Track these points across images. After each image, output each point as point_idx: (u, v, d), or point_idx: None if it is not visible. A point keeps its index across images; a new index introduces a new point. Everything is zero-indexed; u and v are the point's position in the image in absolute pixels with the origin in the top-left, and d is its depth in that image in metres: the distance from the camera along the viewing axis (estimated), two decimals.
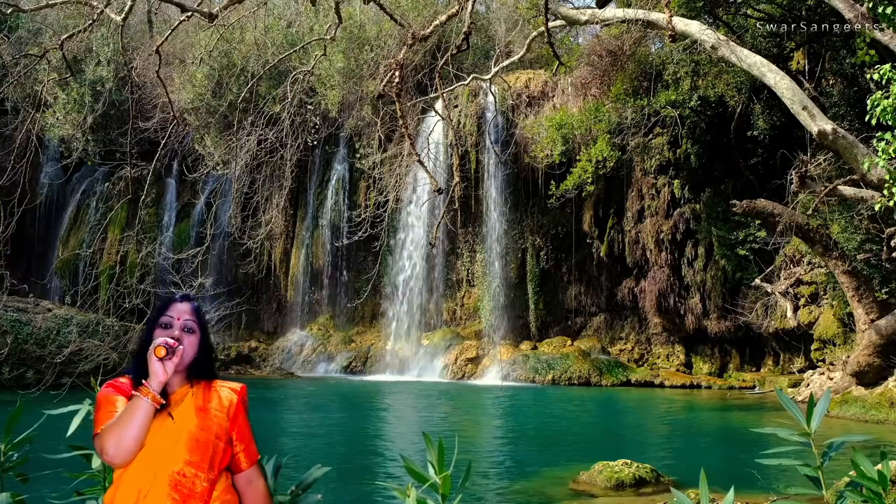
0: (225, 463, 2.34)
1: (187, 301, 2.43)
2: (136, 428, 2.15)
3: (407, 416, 14.98)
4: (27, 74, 17.67)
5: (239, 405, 2.41)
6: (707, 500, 2.28)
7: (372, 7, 18.66)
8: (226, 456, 2.34)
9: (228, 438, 2.35)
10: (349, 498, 7.59)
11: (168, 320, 2.36)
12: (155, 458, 2.20)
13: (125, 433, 2.13)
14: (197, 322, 2.40)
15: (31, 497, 2.86)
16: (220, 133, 24.11)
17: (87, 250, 24.34)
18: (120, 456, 2.14)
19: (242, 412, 2.42)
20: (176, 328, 2.35)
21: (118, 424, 2.15)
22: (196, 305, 2.43)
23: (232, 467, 2.38)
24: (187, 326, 2.37)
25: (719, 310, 20.68)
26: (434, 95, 13.79)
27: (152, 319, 2.39)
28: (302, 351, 23.88)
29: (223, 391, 2.41)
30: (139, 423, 2.15)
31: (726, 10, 19.47)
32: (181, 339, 2.32)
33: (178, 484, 2.20)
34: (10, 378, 15.66)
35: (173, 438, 2.24)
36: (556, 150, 21.03)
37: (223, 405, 2.37)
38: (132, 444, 2.14)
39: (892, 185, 9.22)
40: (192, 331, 2.38)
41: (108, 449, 2.14)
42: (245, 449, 2.39)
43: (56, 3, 9.26)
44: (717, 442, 12.08)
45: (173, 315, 2.37)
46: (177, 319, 2.36)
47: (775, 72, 12.35)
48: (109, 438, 2.14)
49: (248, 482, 2.38)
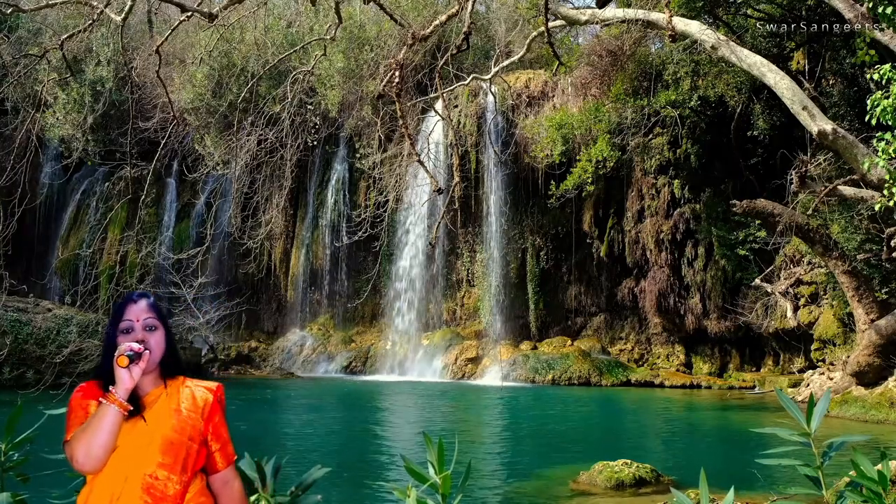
0: (199, 465, 2.30)
1: (143, 299, 2.35)
2: (104, 436, 2.11)
3: (407, 416, 14.98)
4: (27, 74, 17.67)
5: (214, 405, 2.37)
6: (707, 500, 2.28)
7: (372, 7, 18.65)
8: (200, 457, 2.30)
9: (203, 439, 2.31)
10: (349, 498, 7.60)
11: (128, 324, 2.29)
12: (127, 461, 2.17)
13: (93, 441, 2.10)
14: (158, 318, 2.33)
15: (32, 497, 2.86)
16: (220, 133, 24.11)
17: (87, 250, 24.33)
18: (90, 464, 2.12)
19: (219, 412, 2.38)
20: (138, 330, 2.29)
21: (86, 432, 2.12)
22: (152, 301, 2.36)
23: (207, 468, 2.34)
24: (149, 325, 2.30)
25: (719, 310, 20.68)
26: (434, 95, 13.80)
27: (111, 324, 2.33)
28: (302, 351, 23.88)
29: (198, 391, 2.36)
30: (107, 430, 2.11)
31: (726, 10, 19.47)
32: (146, 340, 2.27)
33: (150, 487, 2.17)
34: (10, 378, 15.66)
35: (146, 441, 2.21)
36: (556, 150, 21.02)
37: (197, 405, 2.33)
38: (101, 452, 2.12)
39: (892, 185, 9.22)
40: (155, 328, 2.31)
41: (77, 457, 2.11)
42: (221, 449, 2.35)
43: (56, 3, 9.26)
44: (717, 442, 12.08)
45: (132, 318, 2.30)
46: (136, 321, 2.30)
47: (775, 72, 12.35)
48: (78, 446, 2.11)
49: (223, 483, 2.35)
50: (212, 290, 20.29)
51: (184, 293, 13.40)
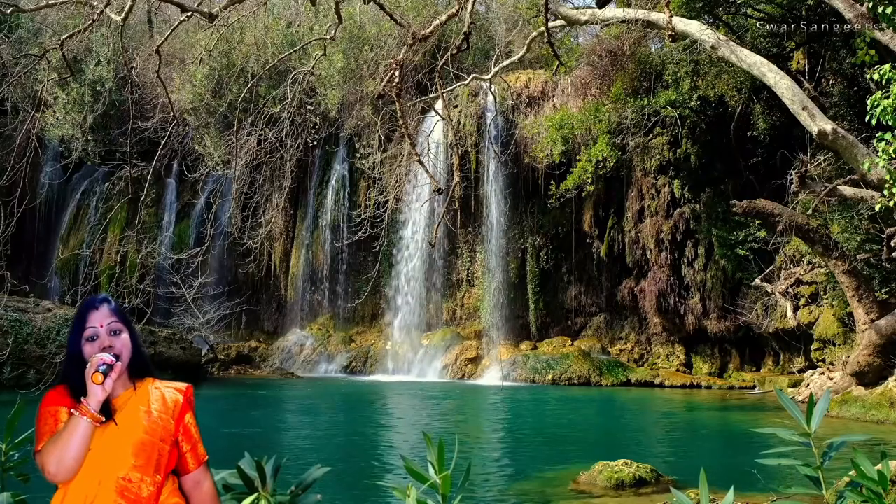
0: (171, 466, 2.30)
1: (104, 304, 2.33)
2: (76, 447, 2.11)
3: (407, 416, 14.98)
4: (27, 74, 17.66)
5: (185, 405, 2.36)
6: (707, 500, 2.28)
7: (372, 7, 18.65)
8: (171, 458, 2.30)
9: (174, 440, 2.31)
10: (349, 498, 7.59)
11: (92, 332, 2.27)
12: (100, 465, 2.17)
13: (65, 453, 2.10)
14: (121, 321, 2.32)
15: (32, 497, 2.87)
16: (220, 133, 24.11)
17: (87, 250, 24.35)
18: (61, 474, 2.12)
19: (189, 412, 2.38)
20: (103, 336, 2.27)
21: (58, 444, 2.11)
22: (114, 306, 2.34)
23: (179, 469, 2.34)
24: (113, 329, 2.29)
25: (719, 310, 20.68)
26: (434, 95, 13.80)
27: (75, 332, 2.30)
28: (302, 351, 23.87)
29: (168, 392, 2.36)
30: (78, 442, 2.11)
31: (726, 10, 19.46)
32: (113, 346, 2.25)
33: (124, 490, 2.17)
34: (11, 378, 15.66)
35: (118, 444, 2.20)
36: (556, 150, 21.02)
37: (168, 406, 2.33)
38: (73, 464, 2.12)
39: (892, 185, 9.22)
40: (120, 331, 2.30)
41: (49, 468, 2.11)
42: (192, 450, 2.35)
43: (56, 3, 9.26)
44: (717, 442, 12.08)
45: (95, 324, 2.28)
46: (100, 326, 2.28)
47: (775, 72, 12.35)
48: (50, 458, 2.10)
49: (195, 484, 2.35)
50: (212, 290, 20.31)
51: (184, 293, 13.40)
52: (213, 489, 2.40)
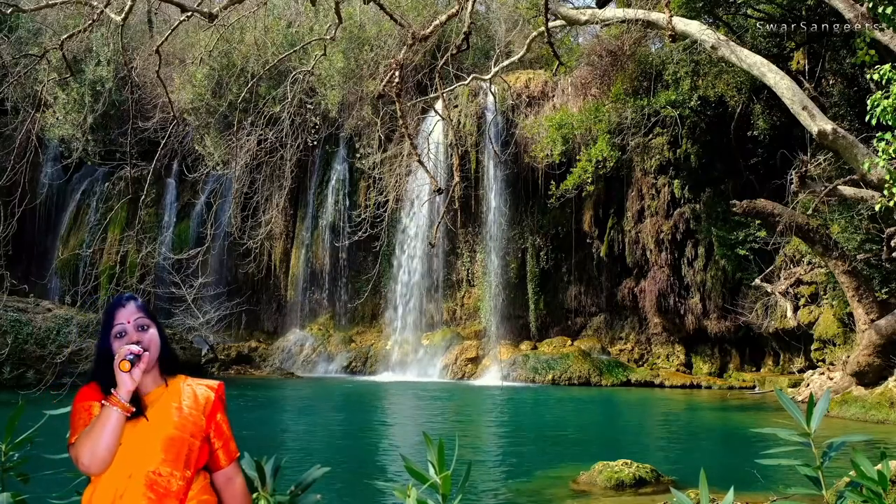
0: (201, 462, 2.33)
1: (131, 301, 2.38)
2: (107, 438, 2.16)
3: (407, 416, 14.98)
4: (27, 74, 17.65)
5: (216, 402, 2.40)
6: (707, 500, 2.28)
7: (372, 7, 18.66)
8: (202, 454, 2.33)
9: (205, 436, 2.34)
10: (349, 498, 7.59)
11: (120, 328, 2.32)
12: (130, 459, 2.21)
13: (98, 443, 2.15)
14: (148, 317, 2.36)
15: (32, 497, 2.87)
16: (220, 133, 24.11)
17: (87, 250, 24.34)
18: (95, 465, 2.17)
19: (220, 409, 2.41)
20: (131, 332, 2.31)
21: (90, 435, 2.16)
22: (140, 303, 2.39)
23: (210, 465, 2.37)
24: (140, 325, 2.33)
25: (719, 310, 20.68)
26: (434, 95, 13.79)
27: (104, 330, 2.35)
28: (302, 351, 23.88)
29: (199, 389, 2.40)
30: (110, 432, 2.16)
31: (726, 10, 19.46)
32: (141, 340, 2.30)
33: (153, 483, 2.21)
34: (11, 378, 15.66)
35: (148, 438, 2.24)
36: (556, 150, 21.02)
37: (199, 403, 2.36)
38: (105, 454, 2.16)
39: (892, 185, 9.22)
40: (147, 327, 2.34)
41: (82, 459, 2.16)
42: (223, 446, 2.38)
43: (56, 3, 9.26)
44: (717, 442, 12.08)
45: (123, 321, 2.33)
46: (128, 323, 2.33)
47: (775, 72, 12.35)
48: (83, 449, 2.16)
49: (227, 480, 2.38)
50: (212, 290, 20.29)
51: (184, 293, 13.39)
52: (244, 486, 2.43)
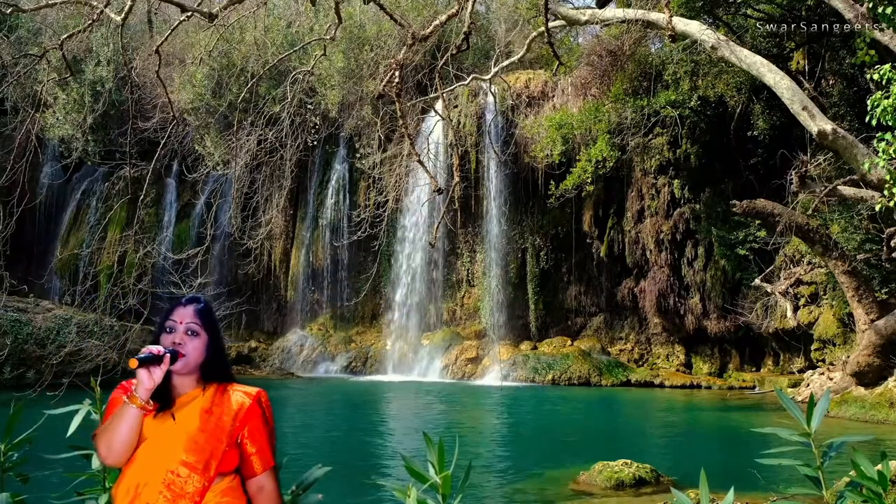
0: (227, 466, 2.33)
1: (192, 304, 2.43)
2: (123, 432, 2.24)
3: (407, 416, 14.98)
4: (27, 74, 17.66)
5: (251, 408, 2.41)
6: (707, 500, 2.28)
7: (372, 7, 18.66)
8: (227, 459, 2.33)
9: (234, 441, 2.35)
10: (349, 498, 7.59)
11: (171, 324, 2.38)
12: (154, 456, 2.27)
13: (114, 437, 2.24)
14: (202, 324, 2.40)
15: (32, 497, 2.87)
16: (220, 133, 24.11)
17: (86, 250, 24.35)
18: (112, 458, 2.26)
19: (257, 416, 2.42)
20: (179, 332, 2.36)
21: (108, 429, 2.26)
22: (201, 308, 2.43)
23: (244, 471, 2.39)
24: (190, 329, 2.38)
25: (719, 310, 20.67)
26: (434, 95, 13.79)
27: (159, 324, 2.42)
28: (302, 351, 23.87)
29: (235, 395, 2.42)
30: (126, 427, 2.24)
31: (726, 10, 19.46)
32: (183, 344, 2.34)
33: (170, 483, 2.24)
34: (10, 378, 15.65)
35: (172, 438, 2.29)
36: (556, 150, 21.02)
37: (230, 409, 2.38)
38: (121, 448, 2.24)
39: (892, 185, 9.22)
40: (196, 334, 2.38)
41: (100, 450, 2.27)
42: (257, 453, 2.39)
43: (56, 3, 9.26)
44: (717, 442, 12.08)
45: (176, 319, 2.39)
46: (179, 323, 2.38)
47: (775, 72, 12.35)
48: (101, 441, 2.26)
49: (259, 488, 2.38)
50: (212, 290, 20.28)
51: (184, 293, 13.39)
52: (275, 494, 2.42)
